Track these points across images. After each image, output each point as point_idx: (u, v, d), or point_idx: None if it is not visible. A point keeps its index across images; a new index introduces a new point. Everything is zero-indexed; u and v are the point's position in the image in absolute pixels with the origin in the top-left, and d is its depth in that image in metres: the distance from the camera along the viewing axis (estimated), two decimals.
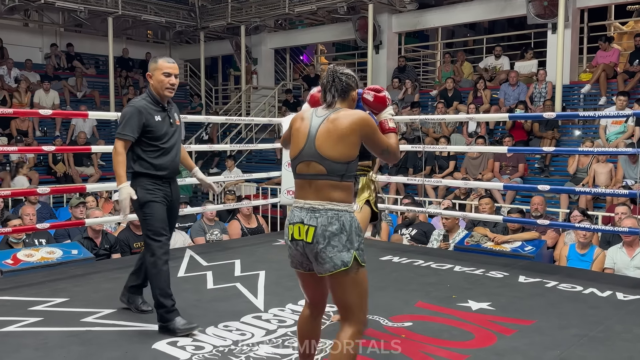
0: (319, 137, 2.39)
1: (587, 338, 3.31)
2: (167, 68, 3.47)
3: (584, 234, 5.41)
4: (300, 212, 2.41)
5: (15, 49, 13.44)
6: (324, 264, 2.35)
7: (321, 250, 2.33)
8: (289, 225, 2.44)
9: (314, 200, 2.38)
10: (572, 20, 10.15)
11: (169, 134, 3.54)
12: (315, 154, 2.38)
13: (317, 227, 2.34)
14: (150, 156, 3.48)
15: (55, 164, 10.79)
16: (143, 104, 3.48)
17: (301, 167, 2.43)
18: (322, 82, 2.54)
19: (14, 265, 4.74)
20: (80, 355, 3.04)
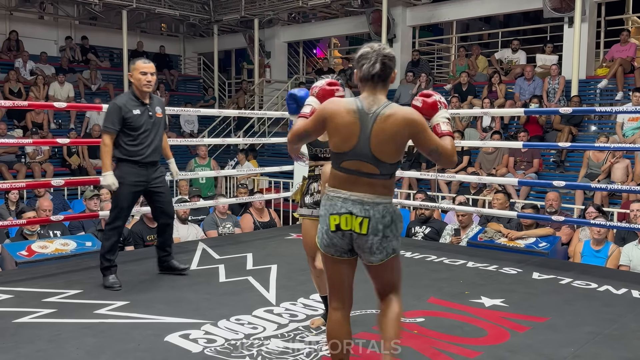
0: (373, 139, 2.31)
1: (601, 336, 3.27)
2: (143, 68, 4.13)
3: (598, 230, 5.36)
4: (345, 203, 2.36)
5: (31, 42, 13.53)
6: (378, 253, 2.39)
7: (377, 242, 2.36)
8: (331, 215, 2.37)
9: (363, 194, 2.35)
10: (589, 14, 10.02)
11: (147, 125, 4.16)
12: (370, 156, 2.33)
13: (371, 219, 2.34)
14: (128, 144, 4.13)
15: (70, 156, 10.86)
16: (124, 99, 4.16)
17: (350, 164, 2.36)
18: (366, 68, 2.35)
19: (29, 257, 4.78)
20: (93, 346, 3.06)
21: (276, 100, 14.03)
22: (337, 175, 2.41)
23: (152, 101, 4.25)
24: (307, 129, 2.54)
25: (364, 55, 2.39)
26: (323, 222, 2.45)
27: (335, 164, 2.42)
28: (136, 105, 4.14)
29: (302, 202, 3.29)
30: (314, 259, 3.23)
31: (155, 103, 4.27)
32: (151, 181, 4.27)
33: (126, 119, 4.09)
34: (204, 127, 13.68)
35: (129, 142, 4.13)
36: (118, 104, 4.11)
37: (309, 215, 3.23)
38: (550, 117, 9.35)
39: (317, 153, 3.25)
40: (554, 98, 9.64)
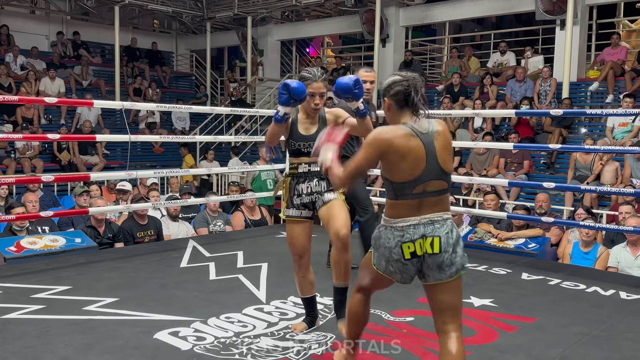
0: (439, 155, 2.35)
1: (589, 337, 3.30)
2: None
3: (587, 232, 5.39)
4: (416, 228, 2.35)
5: (22, 37, 13.43)
6: (449, 269, 2.36)
7: (447, 258, 2.35)
8: (403, 244, 2.34)
9: (431, 214, 2.36)
10: (580, 17, 10.08)
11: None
12: (440, 172, 2.36)
13: (442, 236, 2.35)
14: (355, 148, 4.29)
15: (60, 152, 10.80)
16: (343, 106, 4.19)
17: (421, 187, 2.34)
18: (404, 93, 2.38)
19: (17, 253, 4.75)
20: (81, 343, 3.04)
21: (269, 98, 14.01)
22: (403, 204, 2.36)
23: (370, 107, 4.38)
24: (360, 165, 2.42)
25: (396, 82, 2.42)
26: (388, 252, 2.39)
27: (400, 193, 2.36)
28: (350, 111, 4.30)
29: (288, 202, 3.17)
30: (300, 257, 3.19)
31: (371, 109, 4.41)
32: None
33: None
34: (196, 125, 13.65)
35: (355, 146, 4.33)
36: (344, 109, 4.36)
37: (297, 217, 3.16)
38: (541, 119, 9.40)
39: (299, 148, 3.14)
40: (545, 100, 9.69)
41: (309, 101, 3.12)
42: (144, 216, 6.07)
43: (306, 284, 3.26)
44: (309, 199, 3.15)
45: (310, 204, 3.17)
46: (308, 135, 3.13)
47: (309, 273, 3.25)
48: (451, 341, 2.39)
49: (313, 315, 3.32)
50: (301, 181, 3.15)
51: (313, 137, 3.08)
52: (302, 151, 3.14)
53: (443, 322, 2.42)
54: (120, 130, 12.04)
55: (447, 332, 2.40)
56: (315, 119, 3.20)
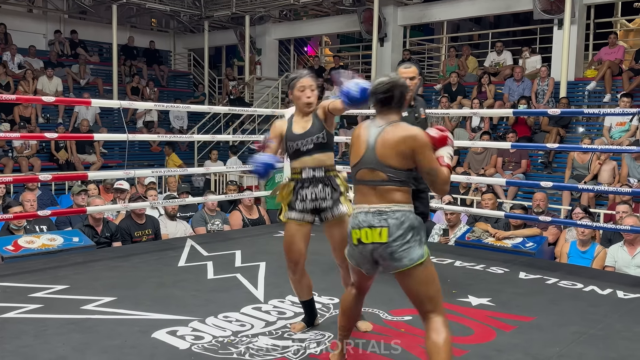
0: (378, 147, 2.51)
1: (586, 336, 3.30)
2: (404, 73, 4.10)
3: (582, 231, 5.40)
4: (366, 216, 2.49)
5: (19, 35, 13.41)
6: (401, 260, 2.45)
7: (397, 247, 2.44)
8: (353, 230, 2.52)
9: (379, 204, 2.49)
10: (578, 17, 10.09)
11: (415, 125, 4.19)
12: (377, 162, 2.51)
13: (390, 227, 2.45)
14: None
15: (58, 151, 10.79)
16: None
17: (360, 174, 2.55)
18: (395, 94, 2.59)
19: (15, 252, 4.74)
20: (79, 342, 3.04)
21: (266, 97, 14.01)
22: (357, 189, 2.59)
23: (417, 103, 4.30)
24: None
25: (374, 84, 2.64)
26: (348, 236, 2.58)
27: (353, 178, 2.61)
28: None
29: (291, 205, 3.15)
30: (295, 264, 3.16)
31: (419, 105, 4.32)
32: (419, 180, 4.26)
33: None
34: (194, 124, 13.64)
35: None
36: None
37: (300, 220, 3.13)
38: (539, 118, 9.42)
39: (299, 147, 3.11)
40: (542, 99, 9.70)
41: (300, 96, 3.14)
42: (142, 215, 6.07)
43: (302, 288, 3.25)
44: (313, 205, 3.13)
45: (315, 210, 3.15)
46: (304, 132, 3.12)
47: (304, 277, 3.23)
48: (431, 323, 2.48)
49: (313, 317, 3.32)
50: (305, 186, 3.12)
51: (310, 132, 3.10)
52: (302, 150, 3.11)
53: (420, 308, 2.53)
54: (118, 129, 12.03)
55: (428, 317, 2.50)
56: (310, 117, 3.18)
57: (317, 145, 3.10)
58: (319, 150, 3.11)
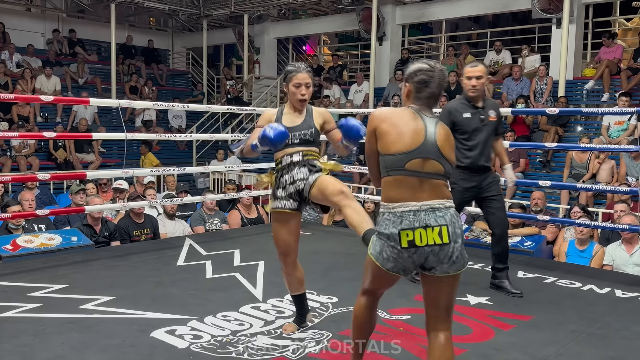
0: (439, 138, 2.29)
1: (584, 335, 3.31)
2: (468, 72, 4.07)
3: (581, 230, 5.41)
4: (416, 215, 2.23)
5: (17, 34, 13.39)
6: (457, 262, 2.27)
7: (456, 249, 2.25)
8: (401, 231, 2.22)
9: (431, 201, 2.25)
10: (577, 16, 10.09)
11: (477, 129, 4.06)
12: (438, 153, 2.27)
13: (449, 225, 2.23)
14: (459, 149, 4.02)
15: (56, 150, 10.77)
16: (455, 103, 4.15)
17: (416, 164, 2.25)
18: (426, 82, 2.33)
19: (14, 251, 4.74)
20: (78, 342, 3.04)
21: (265, 96, 14.00)
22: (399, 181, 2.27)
23: (486, 104, 4.14)
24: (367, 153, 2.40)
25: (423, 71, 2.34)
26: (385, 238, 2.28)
27: (394, 167, 2.27)
28: (467, 109, 4.06)
29: (274, 195, 3.15)
30: (285, 255, 3.16)
31: (489, 106, 4.15)
32: (484, 187, 4.14)
33: (455, 123, 4.02)
34: (192, 123, 13.63)
35: (460, 147, 4.03)
36: (448, 108, 4.10)
37: (282, 208, 3.10)
38: (537, 117, 9.42)
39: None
40: (541, 98, 9.70)
41: (295, 92, 3.12)
42: (141, 214, 6.06)
43: (293, 282, 3.23)
44: (293, 188, 3.08)
45: (296, 194, 3.09)
46: (293, 127, 3.10)
47: (296, 271, 3.21)
48: (443, 341, 2.32)
49: (302, 314, 3.29)
50: (285, 173, 3.11)
51: (299, 127, 3.10)
52: (287, 142, 3.07)
53: (437, 319, 2.34)
54: (116, 129, 12.02)
55: (439, 330, 2.33)
56: (302, 111, 3.17)
57: (302, 141, 3.11)
58: (303, 145, 3.11)
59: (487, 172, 4.16)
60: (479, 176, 4.11)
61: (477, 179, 4.10)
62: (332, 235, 6.12)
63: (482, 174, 4.13)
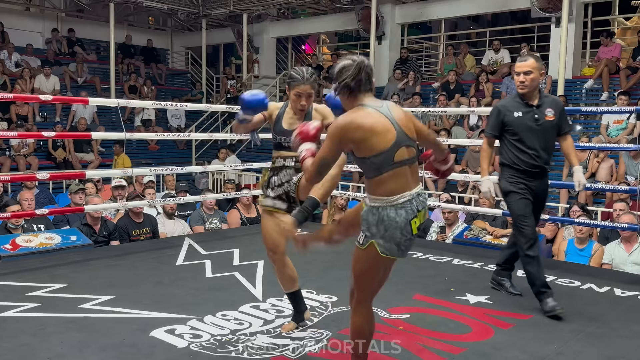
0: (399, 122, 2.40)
1: (584, 334, 3.31)
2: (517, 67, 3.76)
3: (580, 229, 5.41)
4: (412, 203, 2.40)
5: (16, 34, 13.38)
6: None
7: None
8: (411, 220, 2.38)
9: (416, 187, 2.44)
10: (576, 15, 10.11)
11: (530, 129, 3.72)
12: (407, 138, 2.41)
13: (425, 207, 2.49)
14: (510, 149, 3.80)
15: (55, 149, 10.77)
16: (507, 101, 3.90)
17: (400, 154, 2.37)
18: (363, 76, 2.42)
19: (13, 251, 4.74)
20: (78, 341, 3.04)
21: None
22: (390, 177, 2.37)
23: (543, 102, 3.76)
24: (323, 157, 2.43)
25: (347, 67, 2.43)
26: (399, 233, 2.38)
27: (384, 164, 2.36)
28: (519, 107, 3.75)
29: (265, 194, 3.23)
30: (273, 252, 3.19)
31: (547, 104, 3.76)
32: (538, 194, 3.79)
33: (505, 123, 3.77)
34: (191, 122, 13.63)
35: (511, 148, 3.78)
36: (498, 106, 3.86)
37: (271, 207, 3.16)
38: None
39: (280, 142, 3.16)
40: None
41: (296, 101, 3.12)
42: (140, 214, 6.06)
43: (284, 279, 3.26)
44: (281, 189, 3.15)
45: (284, 195, 3.15)
46: (290, 130, 3.11)
47: (286, 268, 3.23)
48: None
49: (299, 311, 3.31)
50: (275, 174, 3.18)
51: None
52: (283, 145, 3.14)
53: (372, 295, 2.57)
54: (115, 128, 12.02)
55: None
56: (302, 115, 3.19)
57: None
58: None
59: (543, 177, 3.81)
60: (534, 181, 3.76)
61: (532, 184, 3.75)
62: None
63: (538, 178, 3.77)
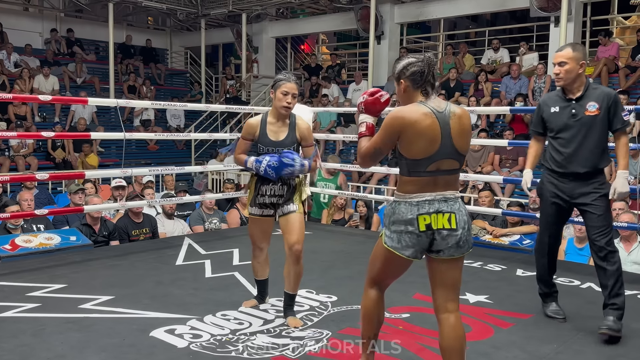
0: (454, 135, 2.40)
1: (583, 333, 3.31)
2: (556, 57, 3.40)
3: (580, 229, 5.42)
4: (431, 204, 2.40)
5: (15, 34, 13.38)
6: (462, 247, 2.45)
7: (463, 235, 2.43)
8: (419, 216, 2.39)
9: (444, 191, 2.43)
10: (574, 14, 10.11)
11: (567, 126, 3.35)
12: (454, 152, 2.42)
13: (456, 213, 2.43)
14: (551, 149, 3.45)
15: (55, 150, 10.77)
16: (550, 94, 3.53)
17: (436, 165, 2.40)
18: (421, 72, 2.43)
19: (12, 251, 4.74)
20: (77, 341, 3.04)
21: (263, 95, 14.00)
22: (417, 181, 2.42)
23: (587, 94, 3.34)
24: (377, 146, 2.48)
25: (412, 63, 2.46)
26: (403, 225, 2.41)
27: (415, 170, 2.41)
28: (557, 102, 3.42)
29: (252, 201, 3.43)
30: (261, 250, 3.53)
31: (590, 97, 3.32)
32: (576, 197, 3.36)
33: (543, 119, 3.47)
34: (191, 122, 13.63)
35: (549, 146, 3.45)
36: (540, 101, 3.55)
37: (259, 215, 3.42)
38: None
39: (267, 152, 3.31)
40: (539, 97, 9.71)
41: (282, 99, 3.28)
42: (139, 214, 6.06)
43: (260, 269, 3.60)
44: (271, 200, 3.39)
45: (272, 205, 3.41)
46: (277, 142, 3.31)
47: (267, 262, 3.61)
48: (453, 321, 2.47)
49: (263, 294, 3.68)
50: (266, 182, 3.35)
51: (282, 143, 3.30)
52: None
53: (446, 299, 2.49)
54: (115, 128, 12.01)
55: (449, 310, 2.48)
56: (285, 123, 3.36)
57: None
58: None
59: (583, 180, 3.34)
60: (569, 183, 3.37)
61: (567, 187, 3.38)
62: (331, 235, 6.12)
63: (574, 181, 3.36)
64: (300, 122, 3.39)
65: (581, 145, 3.32)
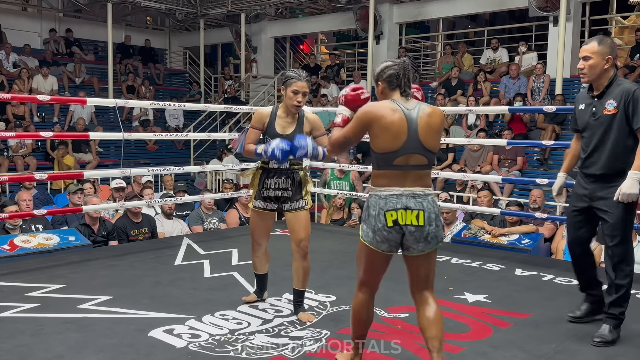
0: (421, 131, 2.51)
1: (583, 332, 3.31)
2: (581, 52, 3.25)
3: None
4: (399, 199, 2.50)
5: (14, 34, 13.37)
6: (431, 242, 2.55)
7: (431, 232, 2.53)
8: (386, 212, 2.49)
9: (414, 187, 2.52)
10: (573, 14, 10.12)
11: (589, 125, 3.21)
12: (420, 147, 2.51)
13: (425, 210, 2.51)
14: (580, 147, 3.32)
15: (53, 150, 10.76)
16: (581, 92, 3.38)
17: (402, 160, 2.51)
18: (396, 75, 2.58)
19: (11, 251, 4.73)
20: (76, 341, 3.04)
21: (263, 95, 14.00)
22: (386, 174, 2.54)
23: (609, 92, 3.15)
24: (347, 136, 2.64)
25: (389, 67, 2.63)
26: (374, 220, 2.51)
27: (384, 164, 2.53)
28: (584, 99, 3.28)
29: (257, 194, 3.44)
30: (259, 245, 3.56)
31: (611, 95, 3.13)
32: (595, 200, 3.21)
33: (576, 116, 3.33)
34: (190, 122, 13.62)
35: (581, 146, 3.31)
36: (578, 96, 3.41)
37: (263, 208, 3.44)
38: (535, 115, 9.44)
39: None
40: (538, 97, 9.72)
41: (292, 98, 3.29)
42: (138, 214, 6.06)
43: (260, 263, 3.63)
44: (276, 194, 3.39)
45: (276, 199, 3.41)
46: (284, 135, 3.29)
47: (266, 256, 3.64)
48: (430, 303, 2.62)
49: (262, 289, 3.70)
50: (270, 176, 3.38)
51: (289, 136, 3.28)
52: None
53: (420, 288, 2.64)
54: (113, 128, 12.01)
55: (426, 296, 2.63)
56: (294, 118, 3.37)
57: None
58: None
59: (602, 183, 3.17)
60: (591, 185, 3.22)
61: (589, 188, 3.24)
62: (330, 234, 6.12)
63: (595, 182, 3.21)
64: (309, 115, 3.42)
65: (599, 145, 3.17)
